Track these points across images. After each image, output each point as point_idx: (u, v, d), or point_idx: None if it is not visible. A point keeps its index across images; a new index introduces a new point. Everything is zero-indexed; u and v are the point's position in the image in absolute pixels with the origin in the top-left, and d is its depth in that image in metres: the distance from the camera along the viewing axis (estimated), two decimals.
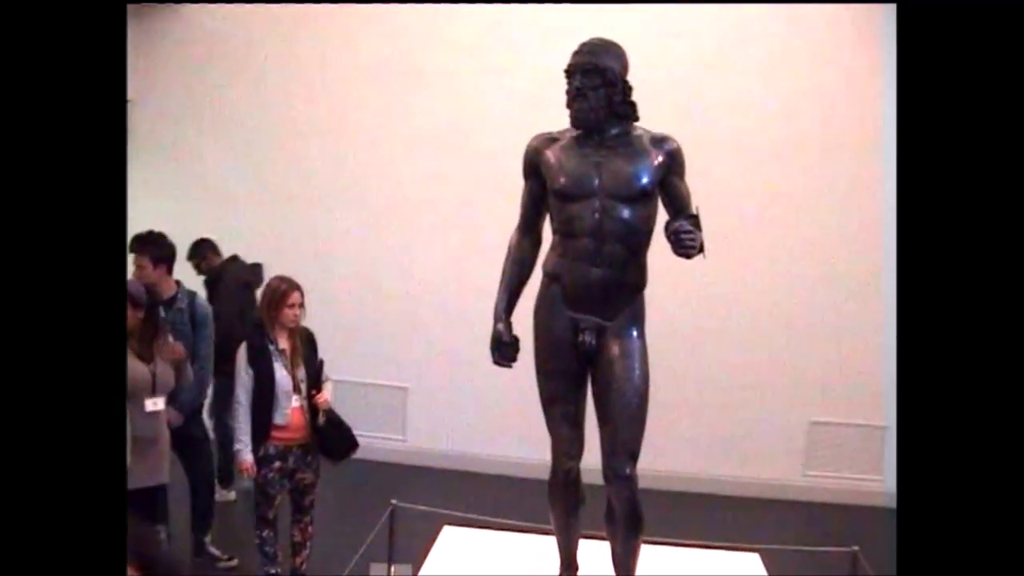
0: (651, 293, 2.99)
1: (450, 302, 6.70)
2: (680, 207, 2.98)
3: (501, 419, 6.47)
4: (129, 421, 3.76)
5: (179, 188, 7.13)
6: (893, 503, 5.92)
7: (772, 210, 6.55)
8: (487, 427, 6.66)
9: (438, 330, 6.83)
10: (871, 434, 6.56)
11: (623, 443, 2.88)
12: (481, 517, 4.05)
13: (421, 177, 6.85)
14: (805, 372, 6.55)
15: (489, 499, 5.38)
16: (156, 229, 4.85)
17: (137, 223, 6.63)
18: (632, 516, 2.92)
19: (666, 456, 6.64)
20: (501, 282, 3.17)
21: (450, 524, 3.90)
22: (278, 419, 4.19)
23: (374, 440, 7.06)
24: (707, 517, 5.91)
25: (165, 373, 4.01)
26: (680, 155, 3.00)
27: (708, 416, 6.64)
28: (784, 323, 6.56)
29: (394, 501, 4.49)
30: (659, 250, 3.00)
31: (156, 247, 4.67)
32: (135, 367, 3.89)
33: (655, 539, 3.72)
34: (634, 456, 2.89)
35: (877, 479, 6.54)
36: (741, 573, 3.54)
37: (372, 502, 4.91)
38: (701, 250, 2.89)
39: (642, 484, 2.92)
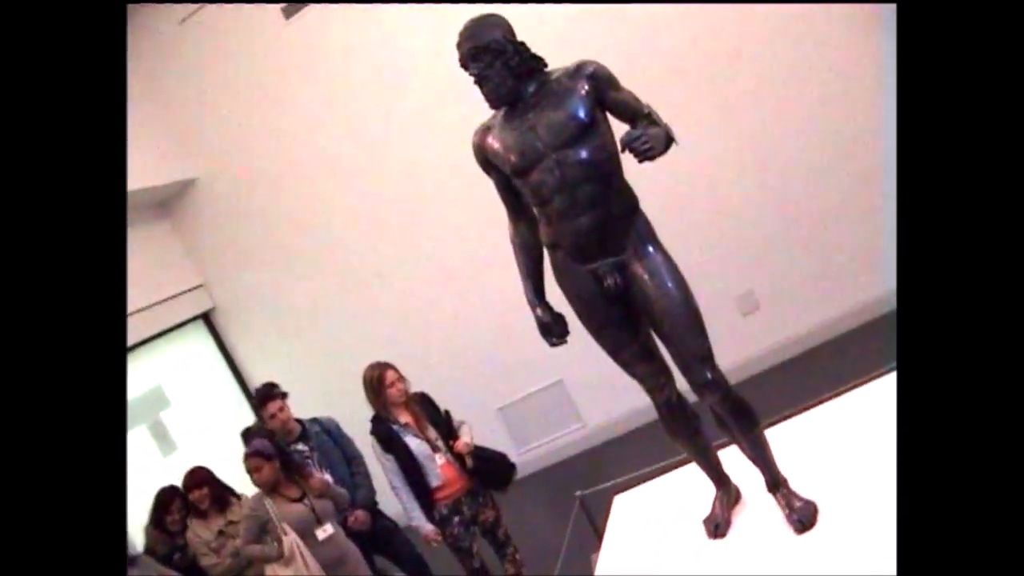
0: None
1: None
2: (632, 114, 2.91)
3: None
4: (312, 555, 4.09)
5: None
6: None
7: None
8: None
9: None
10: None
11: (690, 353, 2.85)
12: (648, 470, 4.07)
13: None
14: None
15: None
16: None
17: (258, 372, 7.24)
18: (738, 413, 2.88)
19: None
20: (520, 274, 3.21)
21: (617, 492, 3.96)
22: (434, 482, 4.42)
23: (559, 439, 7.27)
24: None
25: (322, 503, 4.28)
26: (602, 71, 2.92)
27: None
28: None
29: (578, 493, 4.60)
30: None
31: (280, 391, 5.07)
32: (293, 510, 4.20)
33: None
34: (706, 359, 2.84)
35: None
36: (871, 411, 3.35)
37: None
38: (670, 142, 2.85)
39: None
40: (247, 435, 5.41)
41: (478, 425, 5.02)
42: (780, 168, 6.46)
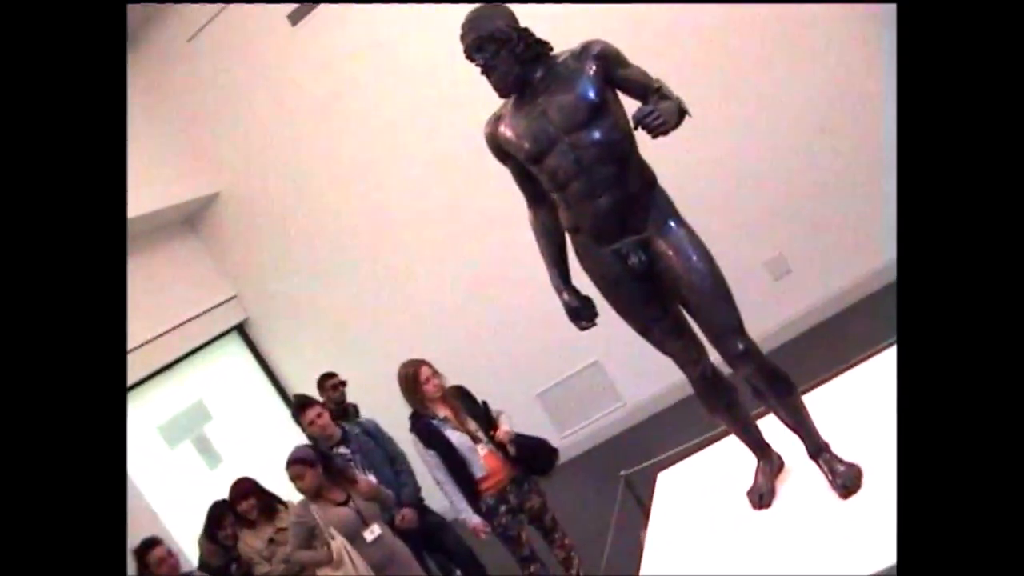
0: None
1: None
2: (642, 90, 2.88)
3: None
4: (361, 556, 4.12)
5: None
6: None
7: None
8: None
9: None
10: None
11: (720, 325, 2.82)
12: (690, 444, 4.05)
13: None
14: None
15: None
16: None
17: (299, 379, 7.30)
18: (774, 381, 2.84)
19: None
20: (544, 260, 3.18)
21: (661, 469, 3.94)
22: (478, 473, 4.42)
23: (599, 420, 7.26)
24: None
25: (367, 505, 4.31)
26: (608, 50, 2.89)
27: None
28: None
29: (622, 472, 4.58)
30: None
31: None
32: (339, 513, 4.23)
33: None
34: (737, 330, 2.81)
35: None
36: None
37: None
38: (683, 115, 2.82)
39: None
40: None
41: (518, 412, 5.02)
42: (803, 127, 6.37)
